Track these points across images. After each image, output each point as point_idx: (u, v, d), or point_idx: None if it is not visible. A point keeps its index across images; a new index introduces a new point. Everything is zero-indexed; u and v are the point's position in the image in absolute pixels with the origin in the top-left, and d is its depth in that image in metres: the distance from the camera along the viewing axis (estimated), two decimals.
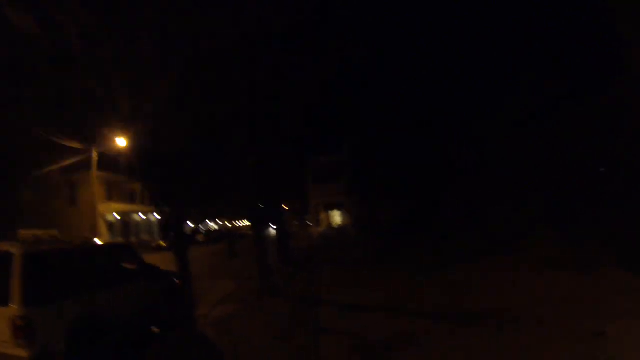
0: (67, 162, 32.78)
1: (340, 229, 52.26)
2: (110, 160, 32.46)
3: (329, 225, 58.24)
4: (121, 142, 20.25)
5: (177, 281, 12.45)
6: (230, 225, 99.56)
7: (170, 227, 12.92)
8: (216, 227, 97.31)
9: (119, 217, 53.56)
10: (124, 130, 15.11)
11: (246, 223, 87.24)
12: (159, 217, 61.71)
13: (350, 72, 22.59)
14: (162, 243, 44.14)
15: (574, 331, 7.16)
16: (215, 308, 13.19)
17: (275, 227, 25.78)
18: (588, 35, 17.19)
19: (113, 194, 53.66)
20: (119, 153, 20.86)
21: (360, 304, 11.70)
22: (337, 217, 59.95)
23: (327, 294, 13.98)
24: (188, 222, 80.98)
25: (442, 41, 24.85)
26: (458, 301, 10.69)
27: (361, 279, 16.06)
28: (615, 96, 15.22)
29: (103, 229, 47.95)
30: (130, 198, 57.88)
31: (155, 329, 10.48)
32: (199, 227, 79.56)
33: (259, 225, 17.90)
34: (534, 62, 19.88)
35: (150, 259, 13.34)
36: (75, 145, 27.20)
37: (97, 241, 10.91)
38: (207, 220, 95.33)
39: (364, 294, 13.12)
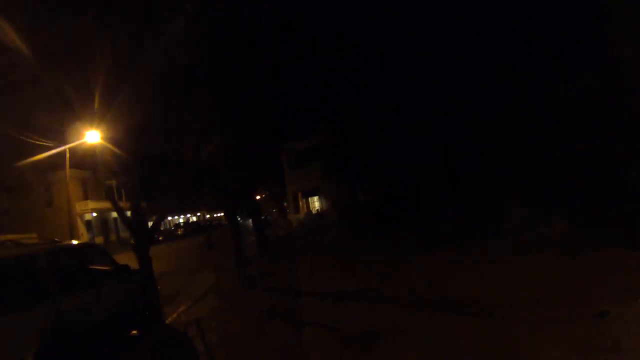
0: (38, 157, 32.18)
1: (320, 214, 52.27)
2: (84, 158, 32.13)
3: (308, 211, 58.21)
4: (93, 138, 20.14)
5: (150, 280, 12.06)
6: (207, 217, 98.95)
7: (127, 222, 12.48)
8: (194, 219, 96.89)
9: (95, 215, 53.01)
10: (93, 126, 15.14)
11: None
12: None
13: (324, 54, 22.45)
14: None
15: (574, 313, 6.83)
16: (194, 304, 13.22)
17: (251, 217, 25.68)
18: (588, 34, 17.34)
19: (89, 192, 53.13)
20: (91, 149, 20.75)
21: (343, 293, 11.41)
22: (315, 202, 59.96)
23: (307, 283, 13.87)
24: (169, 216, 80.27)
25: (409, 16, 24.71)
26: (445, 287, 10.37)
27: (342, 266, 15.81)
28: (614, 95, 15.37)
29: (81, 228, 47.63)
30: (108, 195, 56.88)
31: (134, 332, 10.21)
32: (163, 221, 78.81)
33: (233, 217, 17.95)
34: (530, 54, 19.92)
35: (129, 256, 13.31)
36: (46, 143, 26.95)
37: (74, 242, 10.50)
38: (188, 214, 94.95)
39: (346, 281, 12.86)
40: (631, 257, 9.45)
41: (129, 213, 13.25)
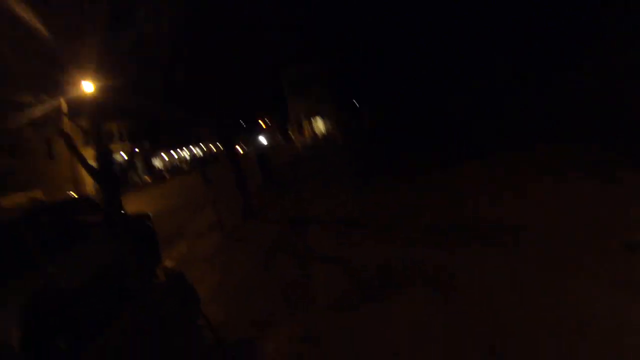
0: (35, 112, 31.56)
1: (325, 137, 51.63)
2: (82, 105, 31.49)
3: (314, 134, 57.53)
4: (88, 86, 19.47)
5: (150, 224, 11.31)
6: (214, 150, 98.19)
7: (92, 173, 11.05)
8: (201, 153, 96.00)
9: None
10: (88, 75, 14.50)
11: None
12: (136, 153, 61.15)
13: None
14: (147, 179, 44.57)
15: (603, 245, 6.19)
16: (195, 243, 12.78)
17: (255, 144, 25.06)
18: None
19: (90, 139, 52.52)
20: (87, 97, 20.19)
21: (351, 222, 10.92)
22: (320, 125, 59.11)
23: (314, 212, 13.30)
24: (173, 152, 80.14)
25: None
26: (457, 213, 9.61)
27: (351, 192, 15.06)
28: None
29: (87, 177, 47.38)
30: (109, 139, 56.61)
31: (133, 283, 9.77)
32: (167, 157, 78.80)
33: (230, 146, 17.10)
34: None
35: (134, 197, 12.71)
36: (39, 104, 26.34)
37: (72, 194, 9.63)
38: (193, 148, 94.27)
39: (355, 209, 12.30)
40: None
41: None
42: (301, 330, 5.97)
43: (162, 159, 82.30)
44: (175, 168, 68.30)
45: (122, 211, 10.61)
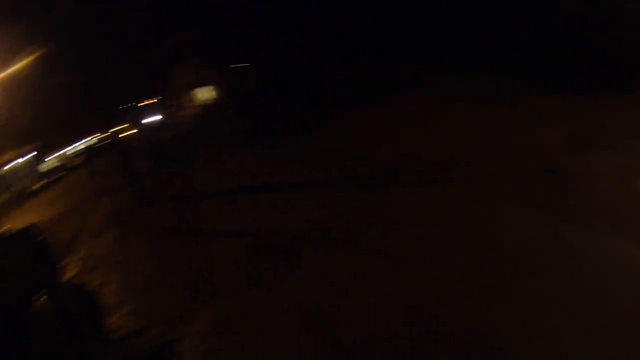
0: None
1: (215, 104, 50.70)
2: None
3: (201, 104, 56.43)
4: None
5: (41, 238, 10.30)
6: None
7: None
8: (97, 142, 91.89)
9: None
10: None
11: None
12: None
13: None
14: (41, 183, 42.61)
15: (521, 170, 6.28)
16: (94, 243, 12.10)
17: (144, 124, 24.13)
18: None
19: None
20: None
21: (248, 187, 10.67)
22: (206, 93, 57.88)
23: (209, 186, 12.87)
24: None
25: None
26: (369, 153, 9.44)
27: (246, 156, 14.72)
28: None
29: None
30: None
31: (35, 298, 8.87)
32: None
33: (112, 132, 16.14)
34: None
35: (31, 206, 11.88)
36: None
37: None
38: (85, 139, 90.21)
39: (252, 174, 11.95)
40: (583, 104, 8.56)
41: None
42: (214, 320, 5.75)
43: (56, 157, 78.81)
44: (70, 164, 65.61)
45: None
